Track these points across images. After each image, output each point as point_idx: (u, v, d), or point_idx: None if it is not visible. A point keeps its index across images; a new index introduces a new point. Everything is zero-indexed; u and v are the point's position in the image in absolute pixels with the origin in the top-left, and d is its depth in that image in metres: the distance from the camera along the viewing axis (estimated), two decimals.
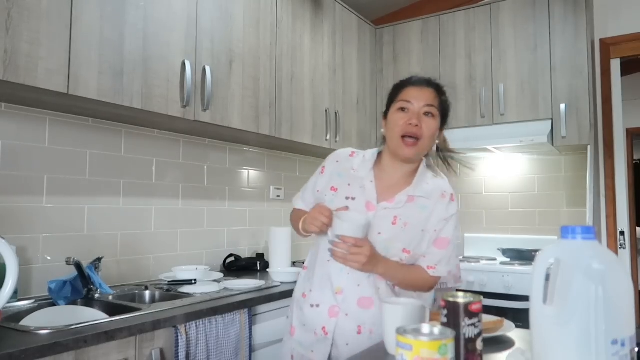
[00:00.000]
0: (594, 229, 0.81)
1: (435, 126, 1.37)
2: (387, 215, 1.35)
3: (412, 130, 1.34)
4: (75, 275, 1.78)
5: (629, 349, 0.75)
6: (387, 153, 1.45)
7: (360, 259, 1.22)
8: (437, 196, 1.38)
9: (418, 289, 1.40)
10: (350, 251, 1.22)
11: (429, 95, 1.37)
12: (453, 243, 1.38)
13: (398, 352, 0.73)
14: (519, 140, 2.87)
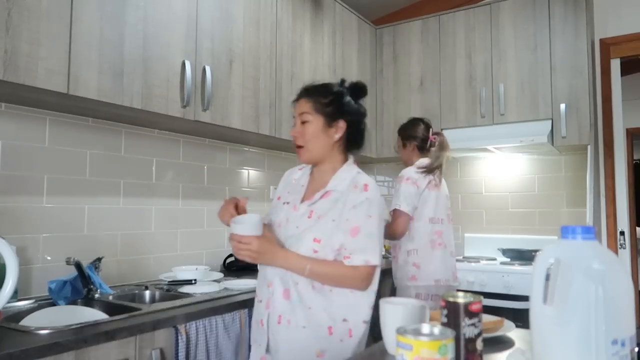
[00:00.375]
0: (594, 229, 0.81)
1: (312, 129, 1.48)
2: (305, 211, 1.47)
3: (295, 142, 1.52)
4: (75, 275, 1.78)
5: (629, 349, 0.75)
6: None
7: (245, 253, 1.36)
8: (348, 189, 1.46)
9: (341, 283, 1.41)
10: (237, 247, 1.36)
11: (301, 105, 1.51)
12: (366, 232, 1.40)
13: (398, 352, 0.73)
14: (519, 140, 2.87)
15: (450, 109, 3.25)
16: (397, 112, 3.45)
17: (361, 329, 1.43)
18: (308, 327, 1.38)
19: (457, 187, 3.52)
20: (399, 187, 2.37)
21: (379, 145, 3.51)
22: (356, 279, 1.41)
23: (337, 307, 1.40)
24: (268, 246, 1.38)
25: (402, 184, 2.37)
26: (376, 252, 1.42)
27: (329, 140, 1.49)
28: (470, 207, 3.45)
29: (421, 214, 2.36)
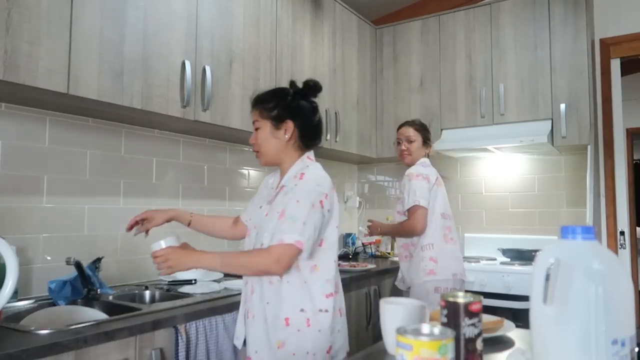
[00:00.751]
0: (594, 229, 0.81)
1: (262, 134, 1.58)
2: (265, 210, 1.56)
3: (253, 149, 1.63)
4: (75, 275, 1.78)
5: (629, 349, 0.75)
6: None
7: (162, 265, 1.42)
8: (291, 181, 1.52)
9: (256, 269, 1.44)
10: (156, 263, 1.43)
11: (252, 115, 1.61)
12: (290, 215, 1.41)
13: (398, 352, 0.73)
14: (519, 140, 2.87)
15: (450, 109, 3.25)
16: (397, 112, 3.45)
17: (320, 317, 1.45)
18: (268, 320, 1.46)
19: (457, 187, 3.52)
20: (412, 184, 2.39)
21: (379, 145, 3.51)
22: (267, 262, 1.40)
23: (291, 299, 1.45)
24: (180, 252, 1.43)
25: (413, 180, 2.40)
26: (294, 232, 1.39)
27: (279, 141, 1.57)
28: (470, 207, 3.45)
29: (433, 209, 2.41)
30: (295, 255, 1.41)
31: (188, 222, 1.78)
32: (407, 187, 2.42)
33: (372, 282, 2.71)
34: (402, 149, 2.58)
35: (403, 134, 2.58)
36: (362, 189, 3.96)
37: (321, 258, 1.48)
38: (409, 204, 2.39)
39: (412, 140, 2.56)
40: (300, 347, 1.43)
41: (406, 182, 2.44)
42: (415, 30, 3.42)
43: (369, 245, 3.48)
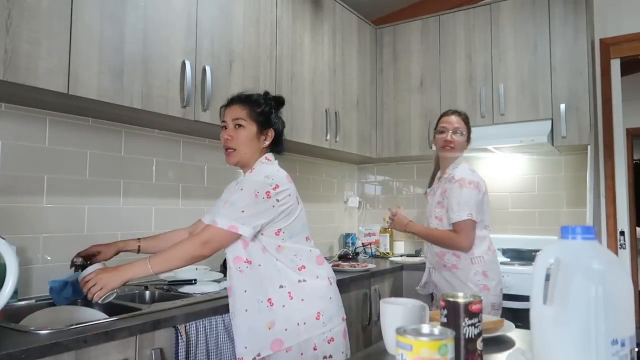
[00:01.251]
0: (594, 229, 0.81)
1: (246, 134, 1.61)
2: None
3: (227, 144, 1.64)
4: (76, 275, 1.77)
5: (629, 349, 0.75)
6: None
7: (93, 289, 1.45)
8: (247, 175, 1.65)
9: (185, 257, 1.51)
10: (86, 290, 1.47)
11: (235, 111, 1.62)
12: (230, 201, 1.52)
13: (398, 352, 0.73)
14: (519, 140, 2.87)
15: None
16: (397, 112, 3.45)
17: (300, 287, 1.54)
18: (250, 309, 1.52)
19: None
20: (463, 193, 2.13)
21: (379, 145, 3.51)
22: (194, 246, 1.49)
23: (269, 279, 1.52)
24: (109, 270, 1.47)
25: (465, 189, 2.14)
26: (229, 217, 1.48)
27: (259, 145, 1.64)
28: None
29: (482, 220, 2.20)
30: (229, 240, 1.51)
31: (137, 248, 1.78)
32: (456, 194, 2.14)
33: (372, 282, 2.71)
34: (447, 139, 2.25)
35: (450, 123, 2.27)
36: (362, 189, 3.96)
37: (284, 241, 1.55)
38: (459, 217, 2.12)
39: (460, 131, 2.27)
40: (290, 321, 1.49)
41: (456, 188, 2.16)
42: (415, 30, 3.42)
43: (369, 245, 3.48)
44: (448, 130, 2.26)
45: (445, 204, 2.20)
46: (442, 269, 2.27)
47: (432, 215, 2.29)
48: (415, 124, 3.38)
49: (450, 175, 2.22)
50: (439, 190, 2.27)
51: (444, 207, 2.21)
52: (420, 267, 3.03)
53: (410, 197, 3.74)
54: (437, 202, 2.27)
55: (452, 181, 2.18)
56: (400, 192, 3.80)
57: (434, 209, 2.29)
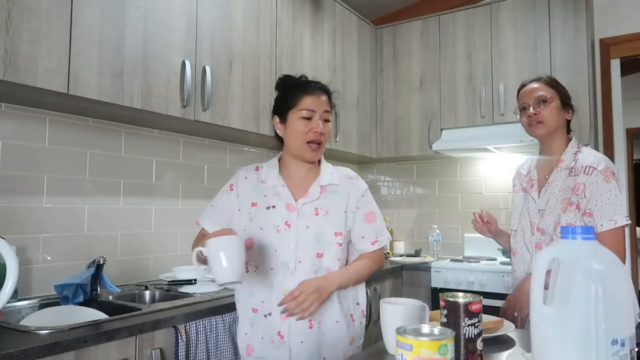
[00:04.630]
0: (594, 229, 0.81)
1: (329, 129, 1.50)
2: (308, 209, 1.46)
3: (317, 138, 1.46)
4: (86, 277, 1.76)
5: (629, 348, 0.75)
6: (288, 155, 1.53)
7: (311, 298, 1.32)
8: (345, 180, 1.53)
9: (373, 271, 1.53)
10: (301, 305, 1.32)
11: (324, 104, 1.48)
12: (379, 215, 1.55)
13: (398, 352, 0.73)
14: (519, 140, 2.86)
15: (450, 109, 3.25)
16: (397, 112, 3.45)
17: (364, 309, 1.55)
18: (340, 320, 1.44)
19: (457, 187, 3.52)
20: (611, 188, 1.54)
21: (379, 145, 3.51)
22: (380, 260, 1.55)
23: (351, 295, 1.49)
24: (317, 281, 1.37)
25: (613, 182, 1.55)
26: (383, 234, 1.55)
27: None
28: (470, 207, 3.45)
29: None
30: None
31: None
32: (604, 190, 1.54)
33: (372, 282, 2.71)
34: (531, 113, 1.70)
35: (528, 94, 1.74)
36: None
37: None
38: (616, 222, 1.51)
39: (546, 99, 1.69)
40: (359, 339, 1.51)
41: (599, 181, 1.55)
42: (415, 30, 3.42)
43: None
44: (529, 104, 1.72)
45: (585, 205, 1.56)
46: None
47: (560, 222, 1.61)
48: (415, 124, 3.38)
49: (580, 164, 1.62)
50: (561, 184, 1.64)
51: (580, 208, 1.57)
52: (420, 268, 3.04)
53: (410, 197, 3.74)
54: (569, 203, 1.60)
55: (592, 173, 1.57)
56: (400, 192, 3.80)
57: (557, 212, 1.63)
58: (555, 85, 1.74)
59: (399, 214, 3.75)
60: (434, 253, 3.28)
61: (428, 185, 3.66)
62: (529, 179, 1.78)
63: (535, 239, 1.68)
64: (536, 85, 1.74)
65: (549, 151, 1.73)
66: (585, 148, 1.69)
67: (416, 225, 3.67)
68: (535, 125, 1.69)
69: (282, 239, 1.42)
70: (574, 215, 1.58)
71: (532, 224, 1.70)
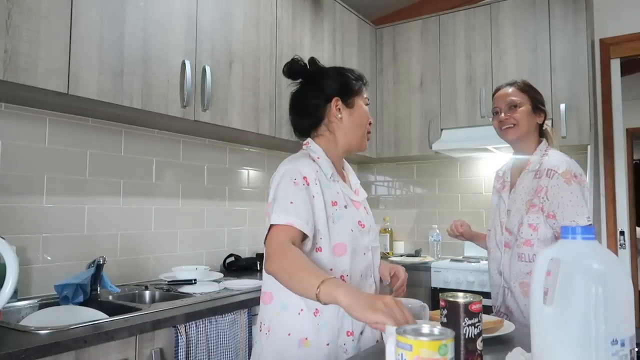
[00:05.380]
0: (594, 229, 0.81)
1: None
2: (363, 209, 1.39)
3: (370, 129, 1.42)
4: (86, 277, 1.76)
5: (629, 349, 0.75)
6: (333, 146, 1.38)
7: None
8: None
9: None
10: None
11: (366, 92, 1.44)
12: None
13: (398, 352, 0.73)
14: None
15: (450, 109, 3.25)
16: (397, 112, 3.45)
17: None
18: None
19: (457, 187, 3.52)
20: (573, 190, 1.60)
21: (379, 145, 3.51)
22: None
23: None
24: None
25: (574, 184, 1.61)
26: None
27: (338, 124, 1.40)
28: (470, 207, 3.45)
29: None
30: None
31: None
32: (565, 193, 1.60)
33: None
34: (502, 118, 1.76)
35: (501, 99, 1.78)
36: None
37: None
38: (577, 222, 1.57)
39: (517, 103, 1.74)
40: None
41: (561, 184, 1.61)
42: (415, 30, 3.42)
43: None
44: (501, 108, 1.77)
45: (548, 208, 1.62)
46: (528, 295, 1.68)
47: (522, 222, 1.68)
48: (415, 124, 3.38)
49: (543, 167, 1.68)
50: (527, 186, 1.71)
51: (544, 211, 1.63)
52: (420, 268, 3.04)
53: (410, 197, 3.74)
54: (531, 204, 1.67)
55: (554, 176, 1.63)
56: (400, 192, 3.80)
57: (522, 213, 1.69)
58: (528, 90, 1.78)
59: (399, 214, 3.75)
60: (434, 253, 3.28)
61: (428, 185, 3.66)
62: (502, 180, 1.85)
63: (504, 238, 1.74)
64: (509, 90, 1.78)
65: (521, 154, 1.80)
66: (552, 151, 1.74)
67: (416, 225, 3.67)
68: (506, 129, 1.75)
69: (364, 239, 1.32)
70: (536, 217, 1.64)
71: (502, 223, 1.77)
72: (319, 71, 1.39)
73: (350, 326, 1.25)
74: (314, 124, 1.37)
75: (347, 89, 1.36)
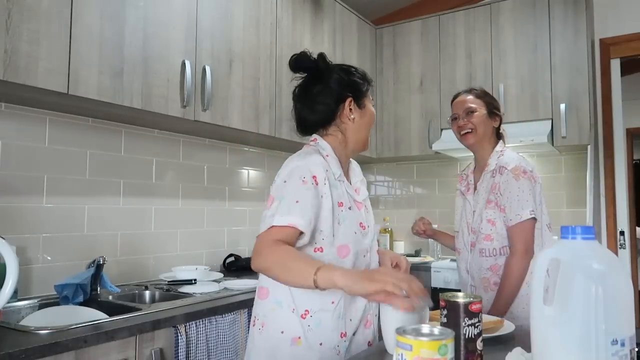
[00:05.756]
0: (594, 229, 0.81)
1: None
2: (364, 205, 1.38)
3: None
4: (86, 277, 1.76)
5: (629, 348, 0.75)
6: (341, 146, 1.36)
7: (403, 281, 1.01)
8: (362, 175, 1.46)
9: None
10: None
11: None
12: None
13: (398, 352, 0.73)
14: (519, 140, 2.86)
15: (450, 109, 3.24)
16: (397, 112, 3.45)
17: None
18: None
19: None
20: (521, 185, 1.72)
21: (379, 145, 3.51)
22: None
23: None
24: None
25: (522, 179, 1.73)
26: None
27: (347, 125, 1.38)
28: None
29: (541, 220, 1.77)
30: None
31: None
32: (513, 188, 1.72)
33: None
34: (461, 124, 1.87)
35: (459, 105, 1.90)
36: None
37: None
38: (521, 216, 1.69)
39: (473, 110, 1.85)
40: None
41: (510, 179, 1.73)
42: (415, 30, 3.42)
43: None
44: (459, 115, 1.88)
45: (500, 202, 1.75)
46: (489, 289, 1.77)
47: (481, 218, 1.80)
48: (415, 124, 3.38)
49: (498, 166, 1.80)
50: (486, 185, 1.82)
51: (498, 206, 1.75)
52: (420, 268, 3.04)
53: (410, 197, 3.74)
54: (487, 201, 1.79)
55: (504, 172, 1.76)
56: (400, 192, 3.80)
57: (482, 210, 1.80)
58: (483, 97, 1.91)
59: (399, 214, 3.75)
60: (434, 253, 3.28)
61: (428, 185, 3.66)
62: (466, 183, 1.95)
63: (470, 239, 1.85)
64: (466, 98, 1.90)
65: (481, 157, 1.91)
66: (507, 151, 1.86)
67: None
68: (465, 134, 1.88)
69: (365, 241, 1.31)
70: (493, 212, 1.78)
71: (468, 224, 1.87)
72: (328, 69, 1.37)
73: (343, 327, 1.25)
74: (324, 122, 1.36)
75: (359, 89, 1.36)
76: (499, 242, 1.76)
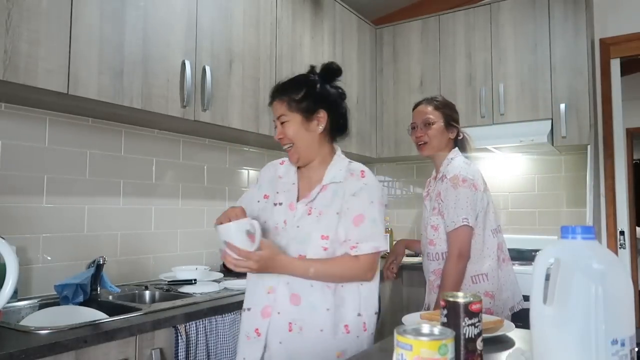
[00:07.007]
0: (594, 229, 0.81)
1: (293, 128, 1.43)
2: (304, 209, 1.40)
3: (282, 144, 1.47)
4: (86, 277, 1.76)
5: (629, 348, 0.75)
6: None
7: (249, 264, 1.25)
8: (347, 177, 1.43)
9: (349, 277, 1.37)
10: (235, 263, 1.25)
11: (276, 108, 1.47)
12: (371, 218, 1.37)
13: (398, 352, 0.73)
14: (519, 140, 2.87)
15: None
16: (397, 112, 3.45)
17: (373, 320, 1.43)
18: (325, 330, 1.33)
19: None
20: (459, 194, 1.82)
21: (378, 145, 3.51)
22: (361, 269, 1.36)
23: (351, 303, 1.37)
24: (268, 255, 1.27)
25: (460, 188, 1.82)
26: (382, 237, 1.38)
27: (312, 135, 1.45)
28: None
29: (484, 225, 1.87)
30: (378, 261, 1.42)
31: None
32: (451, 196, 1.83)
33: None
34: (417, 135, 1.99)
35: (418, 116, 2.00)
36: None
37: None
38: (454, 223, 1.80)
39: (431, 122, 1.95)
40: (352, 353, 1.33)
41: (449, 187, 1.84)
42: (415, 30, 3.42)
43: None
44: (417, 125, 1.99)
45: (441, 209, 1.87)
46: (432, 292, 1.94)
47: (428, 224, 1.95)
48: None
49: (442, 174, 1.91)
50: (434, 193, 1.95)
51: (441, 213, 1.88)
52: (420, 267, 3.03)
53: (410, 197, 3.74)
54: (433, 207, 1.93)
55: (445, 180, 1.87)
56: (400, 192, 3.80)
57: (429, 216, 1.95)
58: (442, 108, 2.00)
59: (399, 214, 3.75)
60: None
61: None
62: (427, 190, 2.07)
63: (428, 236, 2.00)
64: (426, 109, 2.01)
65: (437, 164, 2.02)
66: (456, 159, 1.94)
67: (416, 225, 3.66)
68: (420, 146, 2.00)
69: (275, 237, 1.40)
70: (436, 219, 1.91)
71: (425, 229, 2.01)
72: None
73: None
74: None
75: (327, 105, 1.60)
76: (441, 247, 1.89)
